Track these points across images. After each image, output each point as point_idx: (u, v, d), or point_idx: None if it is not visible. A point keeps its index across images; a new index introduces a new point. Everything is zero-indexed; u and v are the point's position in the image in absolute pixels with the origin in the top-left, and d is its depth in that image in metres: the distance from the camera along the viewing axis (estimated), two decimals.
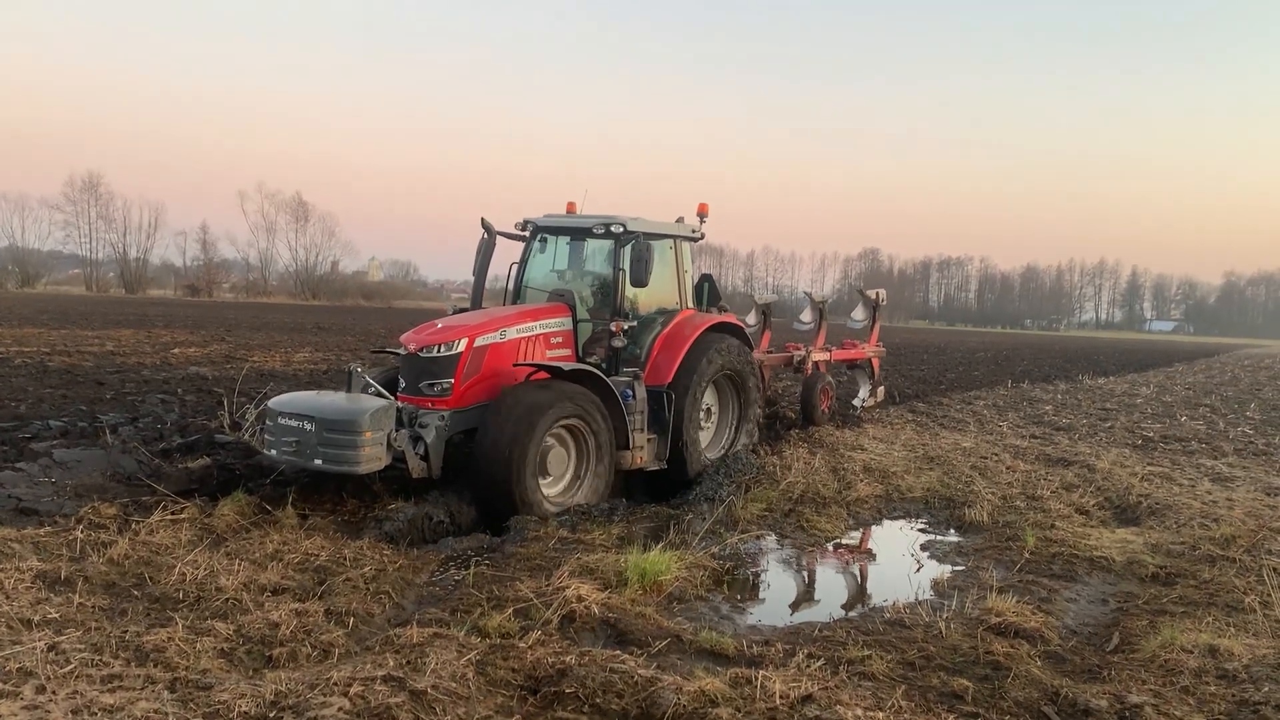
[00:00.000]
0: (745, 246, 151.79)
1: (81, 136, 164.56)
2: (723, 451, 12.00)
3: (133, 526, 7.53)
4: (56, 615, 5.48)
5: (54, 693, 4.37)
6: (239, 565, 6.54)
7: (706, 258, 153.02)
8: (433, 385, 9.24)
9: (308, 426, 8.35)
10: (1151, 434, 16.63)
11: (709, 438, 11.94)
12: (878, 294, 17.64)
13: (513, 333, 9.79)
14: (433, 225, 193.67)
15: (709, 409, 11.84)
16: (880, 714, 4.56)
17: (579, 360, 10.34)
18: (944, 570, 8.23)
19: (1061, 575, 8.02)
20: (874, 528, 9.94)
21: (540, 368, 9.63)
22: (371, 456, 8.27)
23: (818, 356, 15.55)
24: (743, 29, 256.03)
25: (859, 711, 4.54)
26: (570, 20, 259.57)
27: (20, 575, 6.08)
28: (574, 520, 8.80)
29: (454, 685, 4.67)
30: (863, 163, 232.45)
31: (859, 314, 17.65)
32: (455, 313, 10.76)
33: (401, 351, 9.61)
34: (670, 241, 11.42)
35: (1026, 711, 4.97)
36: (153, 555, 6.89)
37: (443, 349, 9.26)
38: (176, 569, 6.39)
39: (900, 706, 4.74)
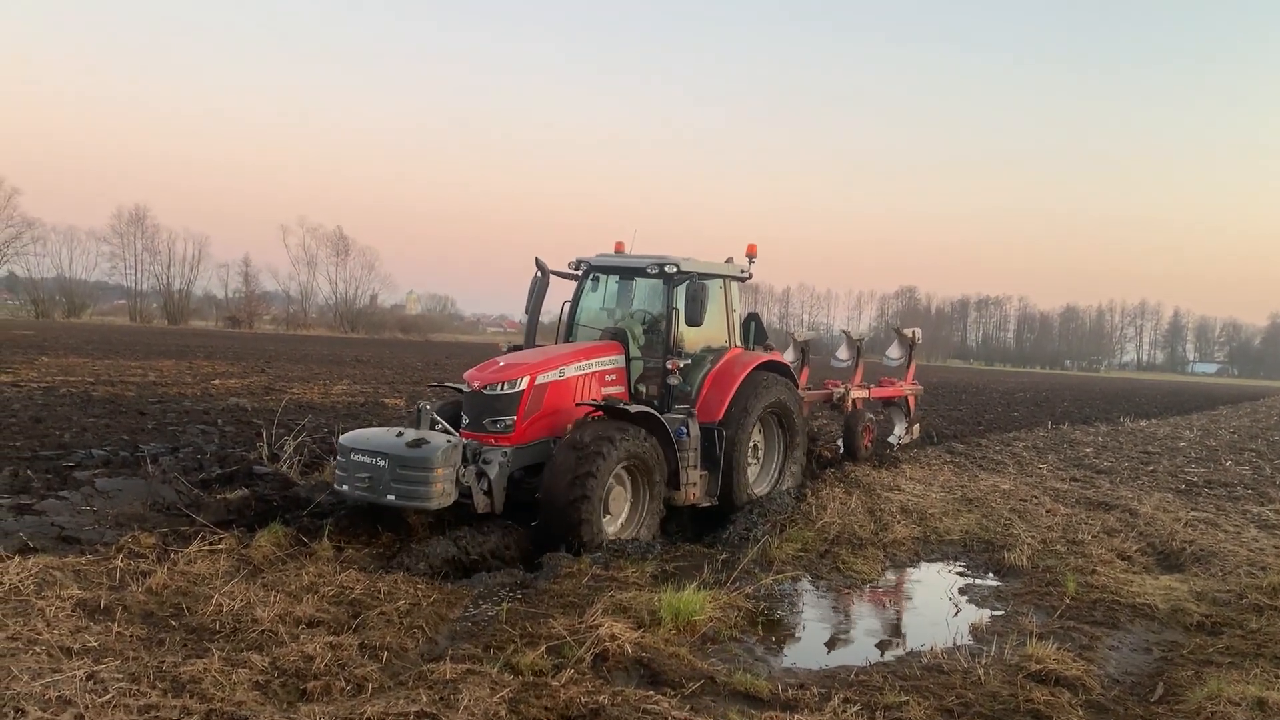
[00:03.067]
0: (780, 283, 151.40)
1: (129, 170, 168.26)
2: (770, 487, 12.08)
3: (171, 556, 7.59)
4: (95, 644, 5.53)
5: None
6: (275, 597, 6.57)
7: (743, 295, 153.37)
8: (495, 422, 9.45)
9: (380, 463, 8.54)
10: (1195, 479, 16.38)
11: (755, 474, 12.00)
12: (914, 332, 17.70)
13: (571, 371, 10.00)
14: (470, 260, 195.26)
15: (756, 446, 11.93)
16: None
17: (631, 396, 10.59)
18: (983, 615, 8.12)
19: (1103, 622, 7.89)
20: (911, 570, 9.84)
21: (601, 408, 9.78)
22: (442, 493, 8.50)
23: (857, 394, 15.57)
24: (781, 63, 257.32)
25: None
26: (607, 54, 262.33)
27: (61, 603, 6.16)
28: (607, 558, 8.77)
29: None
30: (900, 200, 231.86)
31: (894, 352, 17.74)
32: (510, 349, 10.90)
33: (465, 388, 9.80)
34: (720, 281, 11.61)
35: None
36: (190, 585, 6.94)
37: (505, 387, 9.47)
38: (214, 600, 6.44)
39: None
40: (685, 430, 10.33)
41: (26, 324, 66.71)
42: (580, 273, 11.58)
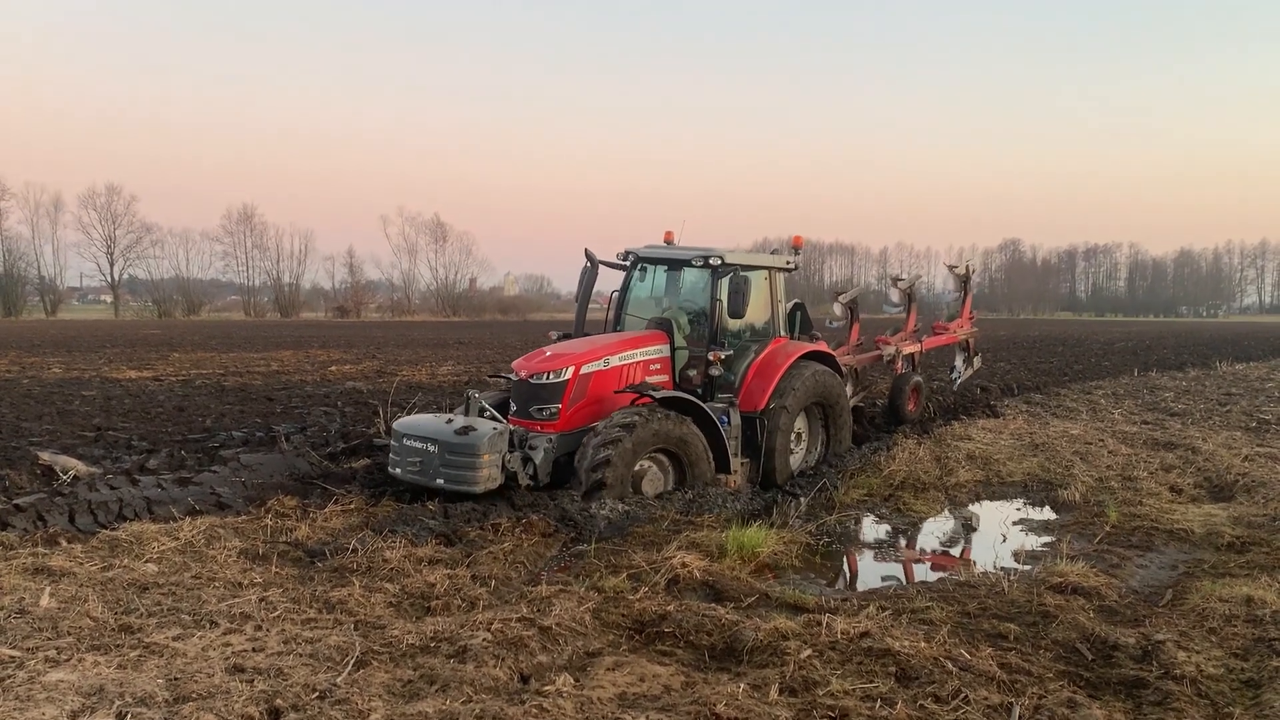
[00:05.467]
0: (878, 243, 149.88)
1: (236, 172, 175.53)
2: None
3: (310, 515, 8.95)
4: (260, 580, 6.83)
5: (268, 629, 5.69)
6: (400, 542, 7.78)
7: (838, 257, 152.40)
8: (541, 410, 9.97)
9: (431, 449, 9.24)
10: (1270, 416, 16.58)
11: (798, 461, 12.17)
12: (968, 266, 17.23)
13: (615, 360, 10.42)
14: (564, 240, 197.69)
15: (799, 433, 12.12)
16: (924, 645, 5.43)
17: (676, 385, 10.92)
18: (1026, 543, 8.92)
19: (1138, 545, 8.63)
20: (969, 508, 10.57)
21: (640, 393, 10.09)
22: (488, 477, 9.17)
23: (908, 350, 15.54)
24: (879, 18, 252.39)
25: (906, 643, 5.43)
26: (706, 31, 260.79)
27: (228, 552, 7.50)
28: (688, 506, 9.73)
29: (574, 625, 5.80)
30: (1002, 151, 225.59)
31: (951, 285, 17.21)
32: (560, 338, 11.52)
33: (513, 377, 10.36)
34: (765, 272, 11.82)
35: (1061, 647, 5.75)
36: (329, 537, 8.24)
37: (551, 376, 9.99)
38: (350, 546, 7.68)
39: (945, 640, 5.59)
40: (726, 419, 10.68)
41: (152, 324, 70.79)
42: (628, 263, 11.93)
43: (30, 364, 26.29)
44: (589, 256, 11.83)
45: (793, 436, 11.80)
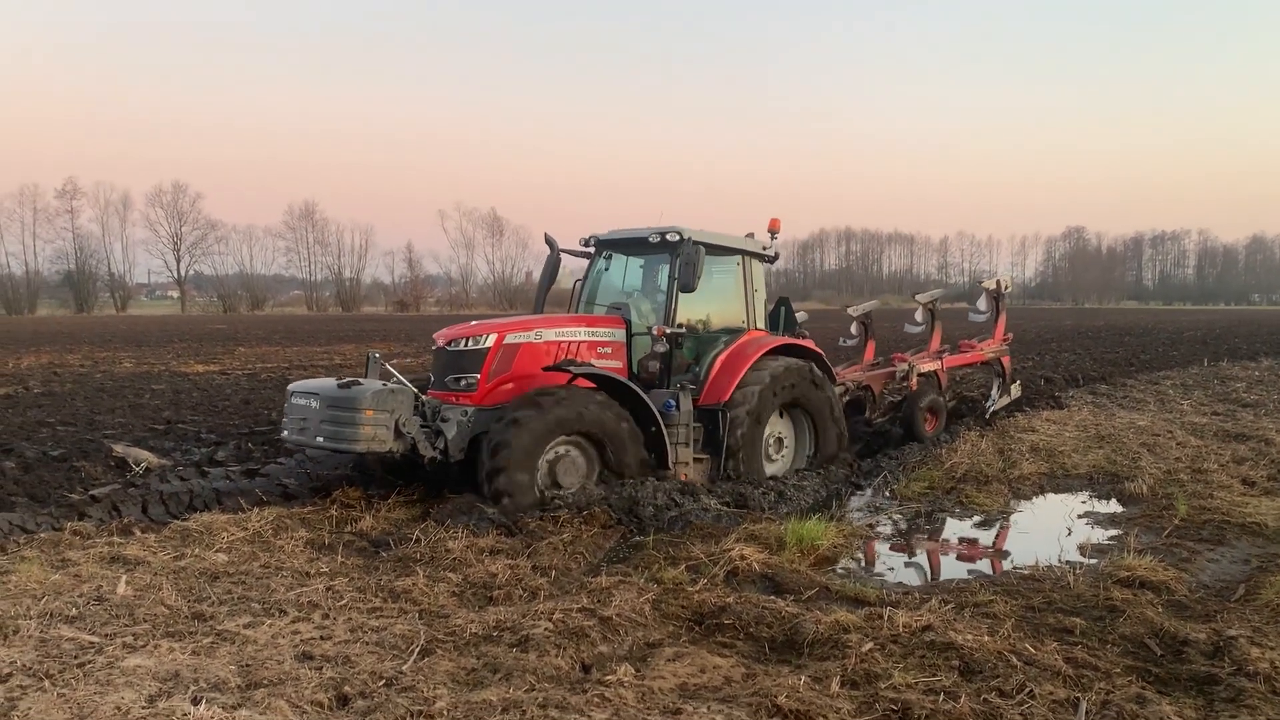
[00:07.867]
0: (938, 232, 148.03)
1: (298, 169, 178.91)
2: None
3: (374, 505, 9.10)
4: (327, 570, 6.96)
5: (335, 618, 5.81)
6: (462, 532, 7.87)
7: (897, 247, 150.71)
8: (459, 379, 9.30)
9: (314, 405, 8.67)
10: None
11: (776, 470, 11.01)
12: (998, 282, 15.99)
13: (549, 335, 9.67)
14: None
15: (781, 439, 11.16)
16: (988, 639, 5.38)
17: (632, 375, 10.07)
18: (1092, 537, 8.75)
19: (1209, 539, 8.41)
20: (1032, 501, 10.41)
21: (555, 369, 9.42)
22: (372, 436, 8.40)
23: (925, 367, 14.26)
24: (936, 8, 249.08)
25: (969, 637, 5.38)
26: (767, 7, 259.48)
27: (295, 542, 7.66)
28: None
29: (634, 615, 5.84)
30: (1066, 137, 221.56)
31: (982, 304, 15.78)
32: None
33: (434, 348, 9.83)
34: (737, 258, 11.04)
35: (1129, 642, 5.64)
36: (392, 527, 8.38)
37: (470, 343, 9.36)
38: (413, 536, 7.79)
39: (1009, 634, 5.52)
40: (675, 403, 9.72)
41: (218, 319, 72.34)
42: (591, 250, 11.39)
43: (102, 359, 27.03)
44: (549, 243, 11.45)
45: (772, 442, 10.96)
